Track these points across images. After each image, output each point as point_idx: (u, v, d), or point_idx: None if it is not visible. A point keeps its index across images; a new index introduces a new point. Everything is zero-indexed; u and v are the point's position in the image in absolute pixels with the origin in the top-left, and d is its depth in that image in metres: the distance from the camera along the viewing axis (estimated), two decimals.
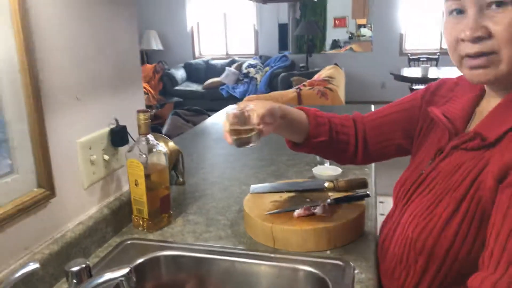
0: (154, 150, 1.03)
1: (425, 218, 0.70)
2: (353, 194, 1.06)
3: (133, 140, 1.06)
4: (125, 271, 0.63)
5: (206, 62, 7.68)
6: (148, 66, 7.36)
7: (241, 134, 0.81)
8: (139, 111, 1.00)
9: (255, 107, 0.81)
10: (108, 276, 0.63)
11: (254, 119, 0.79)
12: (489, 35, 0.64)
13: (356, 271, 0.85)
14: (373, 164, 1.47)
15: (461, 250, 0.65)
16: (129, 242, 1.00)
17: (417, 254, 0.71)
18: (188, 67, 7.70)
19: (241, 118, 0.81)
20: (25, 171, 0.80)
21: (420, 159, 0.86)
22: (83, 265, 0.75)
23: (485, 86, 0.75)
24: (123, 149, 1.07)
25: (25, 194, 0.79)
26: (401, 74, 5.73)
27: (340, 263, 0.88)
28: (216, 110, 2.71)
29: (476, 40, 0.65)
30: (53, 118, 0.86)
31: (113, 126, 1.05)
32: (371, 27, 7.33)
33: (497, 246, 0.55)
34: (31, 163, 0.81)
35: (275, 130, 0.87)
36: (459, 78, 0.85)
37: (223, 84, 7.10)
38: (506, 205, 0.56)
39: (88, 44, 0.96)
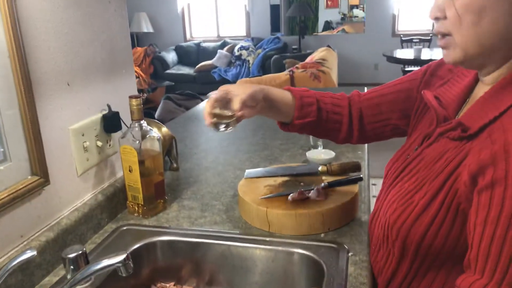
0: (147, 136, 1.02)
1: (403, 204, 0.70)
2: (347, 177, 1.07)
3: (126, 126, 1.06)
4: (122, 257, 0.63)
5: (198, 45, 7.60)
6: (139, 49, 7.27)
7: (221, 118, 0.82)
8: (131, 97, 0.99)
9: (237, 91, 0.80)
10: (105, 262, 0.63)
11: (236, 104, 0.79)
12: (445, 17, 0.64)
13: (350, 254, 0.86)
14: (366, 147, 1.48)
15: (436, 240, 0.65)
16: (124, 228, 1.00)
17: (393, 239, 0.72)
18: (179, 50, 7.61)
19: (223, 102, 0.81)
20: (18, 159, 0.80)
21: (411, 141, 0.85)
22: (80, 252, 0.76)
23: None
24: (116, 135, 1.07)
25: (19, 182, 0.79)
26: (394, 55, 5.72)
27: (334, 245, 0.89)
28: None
29: (436, 20, 0.66)
30: (45, 104, 0.85)
31: (105, 112, 1.04)
32: (363, 7, 7.27)
33: (481, 251, 0.55)
34: (24, 151, 0.80)
35: (258, 113, 0.87)
36: None
37: (215, 67, 7.04)
38: (486, 209, 0.55)
39: (80, 31, 0.94)
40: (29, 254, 0.64)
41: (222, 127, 0.83)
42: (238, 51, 7.05)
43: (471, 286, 0.56)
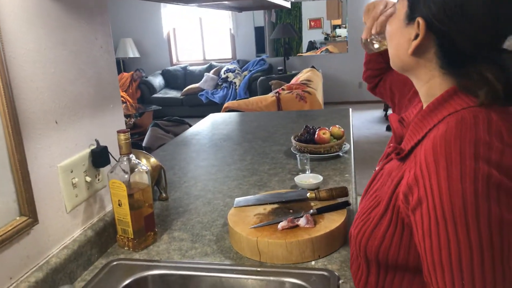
0: (136, 169, 1.03)
1: (363, 219, 0.76)
2: (335, 203, 1.09)
3: (115, 160, 1.06)
4: None
5: (184, 68, 7.66)
6: (125, 74, 7.29)
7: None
8: (119, 132, 1.00)
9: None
10: None
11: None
12: None
13: (340, 281, 0.87)
14: (352, 170, 1.50)
15: (390, 251, 0.70)
16: (115, 263, 1.00)
17: (358, 251, 0.77)
18: (166, 74, 7.66)
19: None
20: (6, 201, 0.80)
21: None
22: None
23: None
24: (105, 170, 1.07)
25: (7, 224, 0.79)
26: None
27: (325, 273, 0.90)
28: (196, 117, 2.71)
29: None
30: (33, 144, 0.86)
31: (93, 147, 1.05)
32: (346, 27, 7.45)
33: (429, 264, 0.60)
34: (12, 192, 0.80)
35: None
36: None
37: (202, 90, 7.09)
38: (420, 225, 0.61)
39: (67, 69, 0.96)
40: None
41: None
42: (224, 73, 7.13)
43: None
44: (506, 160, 0.58)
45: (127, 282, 0.93)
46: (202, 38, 7.91)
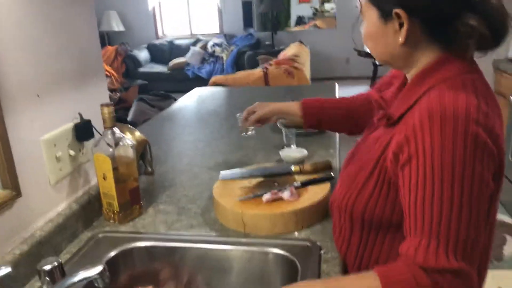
0: (120, 143, 1.03)
1: (348, 184, 0.80)
2: (318, 177, 1.11)
3: (99, 133, 1.06)
4: (99, 269, 0.64)
5: (170, 42, 7.52)
6: (110, 48, 7.13)
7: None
8: (103, 105, 0.99)
9: (258, 109, 1.17)
10: (82, 275, 0.64)
11: (253, 118, 1.17)
12: None
13: (322, 251, 0.90)
14: (337, 145, 1.52)
15: (375, 210, 0.75)
16: (100, 235, 1.01)
17: (343, 215, 0.82)
18: (151, 48, 7.51)
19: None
20: None
21: None
22: (55, 263, 0.76)
23: None
24: (89, 143, 1.06)
25: None
26: (365, 50, 5.81)
27: (308, 244, 0.92)
28: (182, 92, 2.68)
29: None
30: (14, 117, 0.84)
31: (77, 121, 1.04)
32: (334, 2, 7.36)
33: (411, 216, 0.65)
34: None
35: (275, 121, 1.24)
36: None
37: (189, 64, 6.99)
38: (408, 179, 0.65)
39: (48, 42, 0.93)
40: (4, 271, 0.64)
41: (248, 132, 1.27)
42: (211, 48, 7.03)
43: (408, 248, 0.64)
44: (489, 122, 0.64)
45: (112, 254, 0.95)
46: (188, 11, 7.74)
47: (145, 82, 6.23)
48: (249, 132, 1.26)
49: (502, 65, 2.88)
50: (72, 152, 1.02)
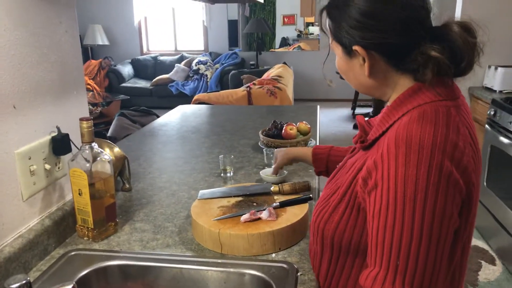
0: (98, 158, 1.01)
1: (322, 205, 0.81)
2: (297, 197, 1.11)
3: (77, 148, 1.04)
4: (68, 287, 0.62)
5: (155, 58, 7.52)
6: (93, 61, 7.08)
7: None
8: (81, 119, 0.98)
9: (278, 158, 1.30)
10: None
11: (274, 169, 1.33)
12: None
13: (299, 273, 0.89)
14: None
15: (345, 234, 0.75)
16: (73, 253, 0.98)
17: (315, 236, 0.82)
18: (135, 63, 7.50)
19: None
20: None
21: None
22: (23, 281, 0.73)
23: None
24: (66, 157, 1.04)
25: None
26: None
27: (285, 265, 0.92)
28: (165, 108, 2.67)
29: None
30: None
31: (54, 134, 1.02)
32: (319, 25, 7.53)
33: (373, 244, 0.65)
34: None
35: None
36: None
37: (172, 81, 6.99)
38: (372, 207, 0.66)
39: (28, 52, 0.92)
40: None
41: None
42: (196, 65, 7.05)
43: (366, 279, 0.64)
44: (457, 153, 0.64)
45: (84, 272, 0.92)
46: (174, 28, 7.79)
47: (128, 97, 6.18)
48: (284, 172, 1.38)
49: (477, 92, 2.98)
50: (47, 166, 0.99)
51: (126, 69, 7.29)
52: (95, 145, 1.01)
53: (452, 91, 0.72)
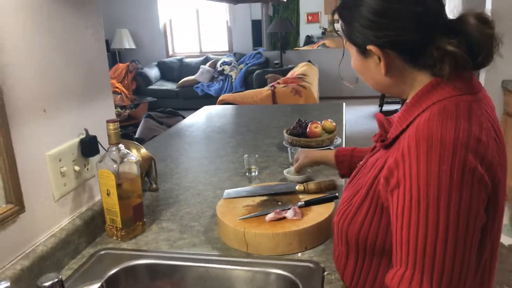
0: (125, 159, 1.03)
1: (345, 206, 0.79)
2: (323, 196, 1.10)
3: (104, 149, 1.06)
4: (97, 285, 0.63)
5: (180, 61, 7.62)
6: (121, 65, 7.24)
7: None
8: (108, 121, 1.00)
9: (300, 158, 1.29)
10: None
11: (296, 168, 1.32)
12: None
13: (325, 273, 0.88)
14: None
15: (369, 234, 0.73)
16: (102, 252, 1.00)
17: (339, 237, 0.81)
18: (161, 66, 7.62)
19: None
20: None
21: None
22: (56, 279, 0.75)
23: None
24: (94, 159, 1.07)
25: None
26: None
27: (311, 265, 0.91)
28: (191, 109, 2.70)
29: None
30: (20, 131, 0.85)
31: (83, 136, 1.04)
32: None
33: (397, 244, 0.64)
34: None
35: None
36: None
37: (198, 82, 7.06)
38: (396, 205, 0.64)
39: (55, 57, 0.95)
40: (3, 285, 0.64)
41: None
42: (220, 66, 7.10)
43: (393, 279, 0.62)
44: (481, 148, 0.62)
45: (114, 271, 0.94)
46: (198, 30, 7.87)
47: (155, 99, 6.29)
48: (308, 171, 1.39)
49: (510, 85, 2.87)
50: (77, 168, 1.02)
51: (153, 72, 7.42)
52: (122, 146, 1.03)
53: (472, 85, 0.70)
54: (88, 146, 1.04)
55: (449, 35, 0.66)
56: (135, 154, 1.24)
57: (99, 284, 0.63)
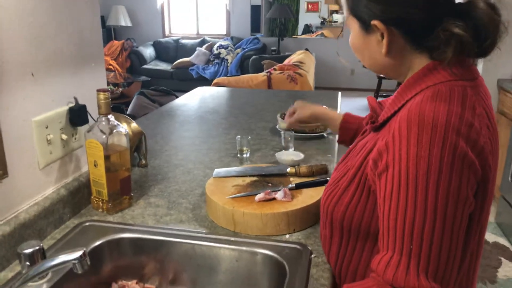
0: (114, 130, 1.01)
1: (332, 187, 0.79)
2: (314, 180, 1.08)
3: (94, 119, 1.04)
4: (78, 253, 0.62)
5: (176, 41, 7.52)
6: (116, 42, 7.13)
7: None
8: (99, 90, 0.97)
9: (298, 109, 1.20)
10: (61, 258, 0.62)
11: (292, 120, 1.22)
12: None
13: (312, 255, 0.87)
14: (336, 150, 1.50)
15: (354, 217, 0.73)
16: (87, 224, 0.98)
17: (325, 218, 0.80)
18: (157, 46, 7.51)
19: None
20: None
21: None
22: (37, 247, 0.74)
23: None
24: (82, 129, 1.04)
25: None
26: None
27: (298, 247, 0.90)
28: (185, 91, 2.66)
29: None
30: (5, 95, 0.82)
31: (72, 105, 1.01)
32: (343, 12, 7.37)
33: (384, 228, 0.63)
34: None
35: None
36: None
37: (193, 64, 6.99)
38: (384, 190, 0.63)
39: (47, 21, 0.92)
40: None
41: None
42: (217, 49, 7.02)
43: (379, 264, 0.62)
44: (473, 133, 0.61)
45: (98, 243, 0.92)
46: (197, 11, 7.75)
47: (148, 79, 6.21)
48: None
49: (506, 84, 2.87)
50: (64, 136, 0.99)
51: (148, 51, 7.32)
52: (111, 117, 1.01)
53: (470, 71, 0.68)
54: (77, 115, 1.01)
55: (457, 18, 0.64)
56: (125, 127, 1.21)
57: (81, 252, 0.61)
